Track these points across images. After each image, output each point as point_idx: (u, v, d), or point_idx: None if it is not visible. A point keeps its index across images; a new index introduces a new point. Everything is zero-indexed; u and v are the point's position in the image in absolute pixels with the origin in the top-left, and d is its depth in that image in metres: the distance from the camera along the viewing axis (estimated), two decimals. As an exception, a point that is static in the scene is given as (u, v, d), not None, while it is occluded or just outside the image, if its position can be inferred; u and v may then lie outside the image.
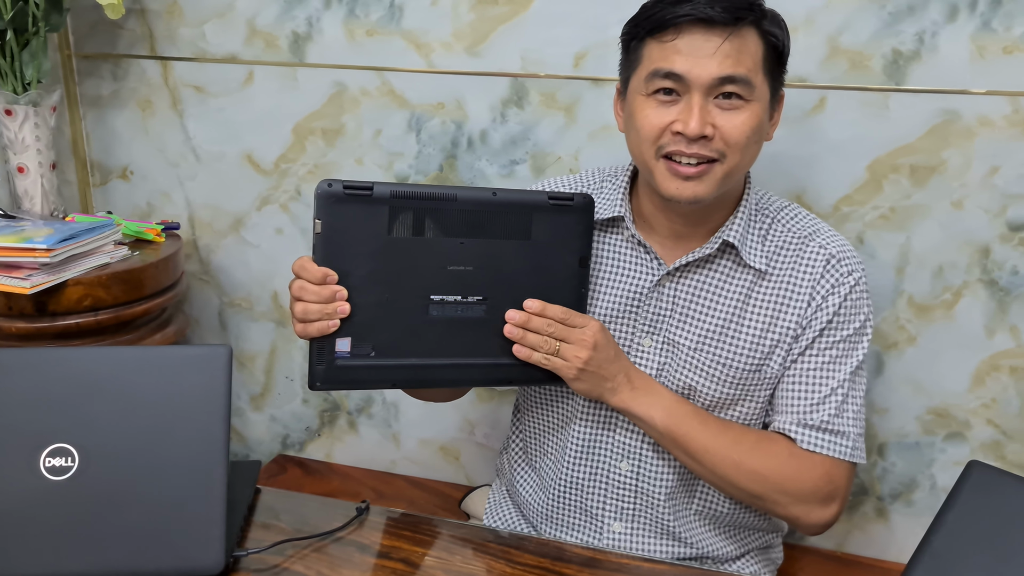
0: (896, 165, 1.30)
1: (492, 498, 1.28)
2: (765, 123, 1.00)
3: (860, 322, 1.06)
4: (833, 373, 1.05)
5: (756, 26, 0.97)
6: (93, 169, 1.72)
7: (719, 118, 0.96)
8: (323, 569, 0.88)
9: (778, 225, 1.08)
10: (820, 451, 1.03)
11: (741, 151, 0.98)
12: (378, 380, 0.99)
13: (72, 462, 0.82)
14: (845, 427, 1.04)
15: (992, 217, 1.28)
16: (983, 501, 0.78)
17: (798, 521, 1.05)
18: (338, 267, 0.93)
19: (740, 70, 0.95)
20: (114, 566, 0.82)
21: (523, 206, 0.98)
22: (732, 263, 1.06)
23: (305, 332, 0.93)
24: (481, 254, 0.97)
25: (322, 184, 0.91)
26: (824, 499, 1.03)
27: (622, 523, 1.12)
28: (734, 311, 1.05)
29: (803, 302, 1.04)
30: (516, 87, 1.44)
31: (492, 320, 0.99)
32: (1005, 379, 1.33)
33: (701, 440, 1.02)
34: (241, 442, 1.79)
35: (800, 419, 1.04)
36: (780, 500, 1.03)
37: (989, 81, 1.24)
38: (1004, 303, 1.31)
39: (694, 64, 0.95)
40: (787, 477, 1.03)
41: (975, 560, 0.75)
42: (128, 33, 1.62)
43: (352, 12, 1.49)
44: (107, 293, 1.39)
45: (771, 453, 1.03)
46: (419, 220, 0.95)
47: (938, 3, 1.23)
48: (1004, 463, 1.36)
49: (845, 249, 1.06)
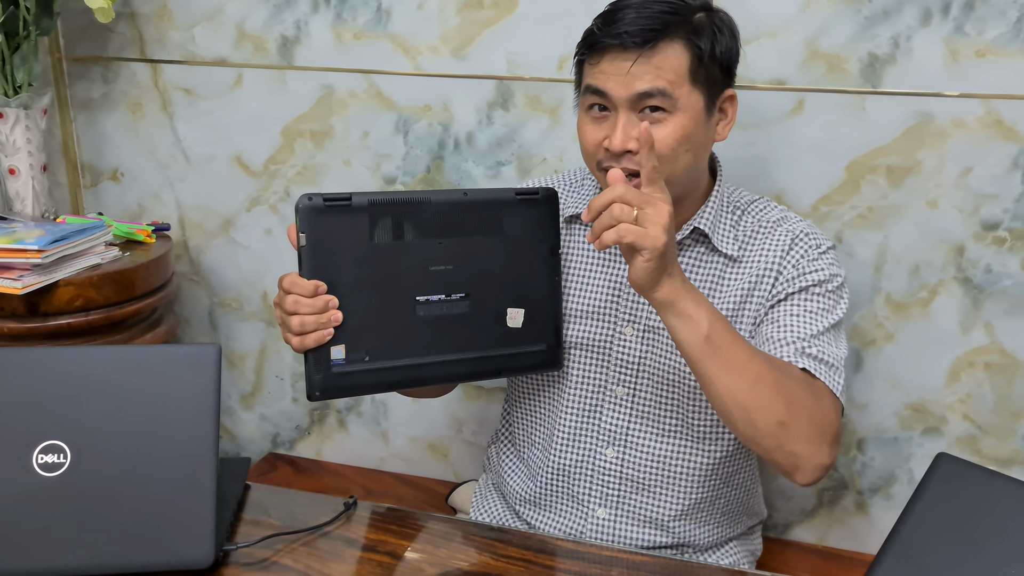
0: (873, 166, 1.33)
1: (479, 492, 1.30)
2: (698, 130, 1.03)
3: (837, 284, 1.08)
4: (820, 319, 1.05)
5: (680, 39, 1.00)
6: (84, 171, 1.74)
7: None
8: (311, 563, 0.90)
9: (748, 216, 1.13)
10: (817, 375, 1.00)
11: (670, 162, 1.01)
12: (375, 384, 1.01)
13: (64, 459, 0.84)
14: (837, 363, 1.03)
15: (966, 216, 1.31)
16: (951, 492, 0.80)
17: (808, 460, 0.96)
18: (325, 277, 0.95)
19: (658, 84, 0.99)
20: (106, 560, 0.84)
21: (493, 203, 1.04)
22: (704, 249, 1.11)
23: (303, 344, 0.95)
24: (459, 252, 1.01)
25: (302, 199, 0.94)
26: (832, 438, 0.99)
27: (607, 509, 1.15)
28: (706, 293, 1.09)
29: (772, 275, 1.08)
30: (501, 89, 1.47)
31: (476, 314, 1.03)
32: (980, 375, 1.36)
33: (742, 353, 0.93)
34: (232, 441, 1.81)
35: (800, 349, 1.02)
36: (805, 431, 0.95)
37: (962, 84, 1.26)
38: (978, 300, 1.34)
39: (615, 83, 1.00)
40: (811, 405, 0.97)
41: (943, 548, 0.77)
42: (118, 36, 1.63)
43: (340, 16, 1.51)
44: (98, 293, 1.40)
45: (795, 378, 0.98)
46: (398, 224, 0.98)
47: (912, 7, 1.26)
48: (979, 457, 1.39)
49: (811, 228, 1.12)
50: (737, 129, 1.36)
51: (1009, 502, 0.78)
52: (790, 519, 1.52)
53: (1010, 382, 1.35)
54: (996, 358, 1.35)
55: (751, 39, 1.33)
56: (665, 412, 1.11)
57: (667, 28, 0.99)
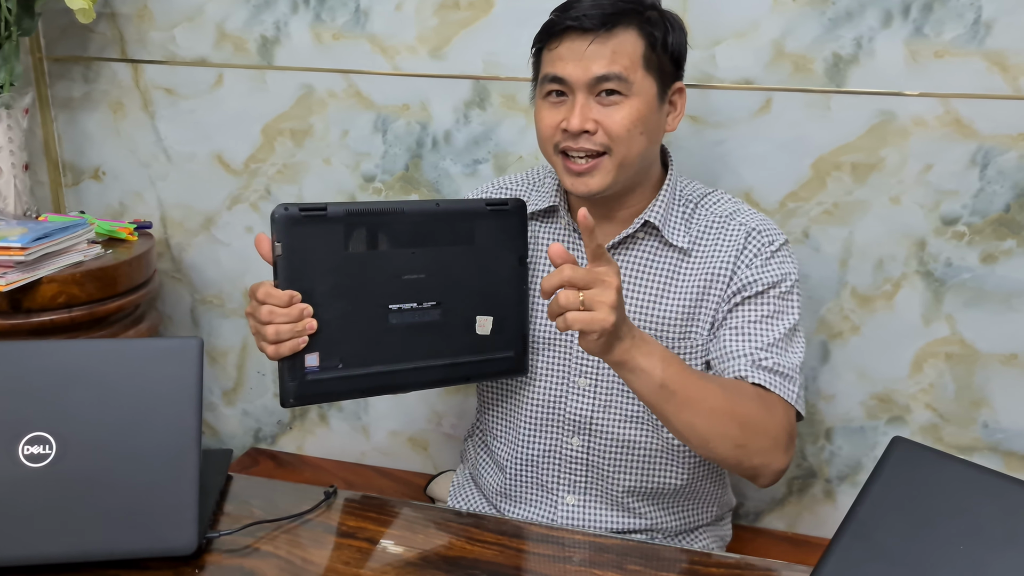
0: (838, 163, 1.37)
1: (456, 481, 1.34)
2: (652, 115, 1.07)
3: (790, 284, 1.11)
4: (774, 325, 1.09)
5: (635, 26, 1.05)
6: (65, 170, 1.75)
7: (601, 114, 1.05)
8: (292, 549, 0.92)
9: (701, 210, 1.16)
10: (771, 388, 1.04)
11: (625, 143, 1.05)
12: (348, 391, 1.04)
13: (49, 450, 0.85)
14: (792, 372, 1.07)
15: (927, 212, 1.36)
16: (905, 473, 0.84)
17: (766, 469, 1.03)
18: (300, 286, 0.98)
19: (615, 68, 1.04)
20: (91, 548, 0.86)
21: (464, 214, 1.06)
22: (656, 243, 1.14)
23: (278, 352, 0.97)
24: (431, 261, 1.04)
25: (278, 208, 0.96)
26: (786, 444, 1.04)
27: (575, 496, 1.18)
28: (661, 287, 1.12)
29: (727, 272, 1.11)
30: (478, 89, 1.50)
31: (447, 322, 1.06)
32: (941, 365, 1.41)
33: (695, 390, 0.97)
34: (214, 436, 1.83)
35: (754, 361, 1.06)
36: (759, 444, 1.01)
37: (922, 83, 1.31)
38: (939, 293, 1.38)
39: (573, 67, 1.04)
40: (765, 418, 1.02)
41: (897, 527, 0.80)
42: (99, 36, 1.65)
43: (319, 17, 1.53)
44: (81, 290, 1.42)
45: (748, 397, 1.02)
46: (372, 235, 1.01)
47: (874, 9, 1.30)
48: (942, 445, 1.43)
49: (765, 222, 1.14)
50: (706, 127, 1.41)
51: (959, 482, 0.81)
52: (761, 507, 1.56)
53: (970, 372, 1.40)
54: (957, 349, 1.40)
55: (719, 40, 1.37)
56: (627, 399, 1.15)
57: (623, 14, 1.04)
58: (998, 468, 1.41)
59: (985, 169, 1.32)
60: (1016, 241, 1.33)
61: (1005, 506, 0.77)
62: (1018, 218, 1.32)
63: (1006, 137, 1.30)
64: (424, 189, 1.57)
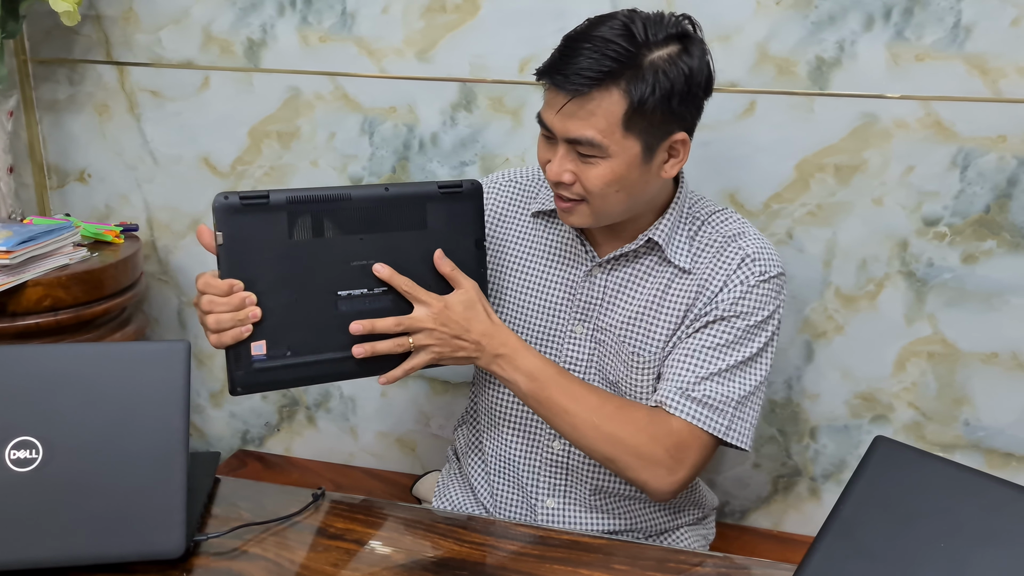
0: (822, 165, 1.39)
1: (441, 481, 1.34)
2: (631, 174, 1.03)
3: (763, 316, 1.09)
4: (728, 354, 1.08)
5: (618, 87, 0.98)
6: (50, 172, 1.74)
7: (579, 167, 1.03)
8: (281, 552, 0.92)
9: (707, 227, 1.14)
10: (691, 420, 1.06)
11: (600, 198, 1.04)
12: (297, 378, 1.02)
13: (36, 454, 0.85)
14: (725, 407, 1.07)
15: (909, 213, 1.37)
16: (887, 472, 0.85)
17: (646, 486, 1.07)
18: (243, 275, 0.96)
19: (586, 133, 1.00)
20: (79, 552, 0.85)
21: (415, 198, 1.03)
22: (657, 260, 1.13)
23: (220, 341, 0.96)
24: (382, 247, 1.01)
25: (218, 197, 0.95)
26: (672, 466, 1.06)
27: (555, 499, 1.19)
28: (651, 301, 1.12)
29: (712, 293, 1.10)
30: (465, 92, 1.50)
31: (399, 309, 1.03)
32: (924, 364, 1.43)
33: (562, 403, 1.05)
34: (201, 438, 1.83)
35: (682, 388, 1.07)
36: (631, 464, 1.06)
37: (903, 86, 1.32)
38: (921, 293, 1.40)
39: (554, 121, 1.03)
40: (641, 443, 1.05)
41: (879, 525, 0.82)
42: (84, 39, 1.65)
43: (305, 19, 1.53)
44: (67, 293, 1.42)
45: (630, 419, 1.06)
46: (317, 222, 0.98)
47: (856, 13, 1.31)
48: (924, 443, 1.45)
49: (763, 250, 1.11)
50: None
51: (940, 481, 0.83)
52: (746, 506, 1.58)
53: (951, 371, 1.42)
54: (939, 348, 1.41)
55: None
56: None
57: (607, 75, 0.97)
58: (979, 465, 1.43)
59: (965, 171, 1.33)
60: (996, 242, 1.35)
61: (985, 504, 0.78)
62: (998, 219, 1.34)
63: (986, 139, 1.32)
64: (411, 191, 1.57)
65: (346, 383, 1.70)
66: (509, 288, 1.20)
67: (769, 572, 0.94)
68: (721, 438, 1.08)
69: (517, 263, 1.20)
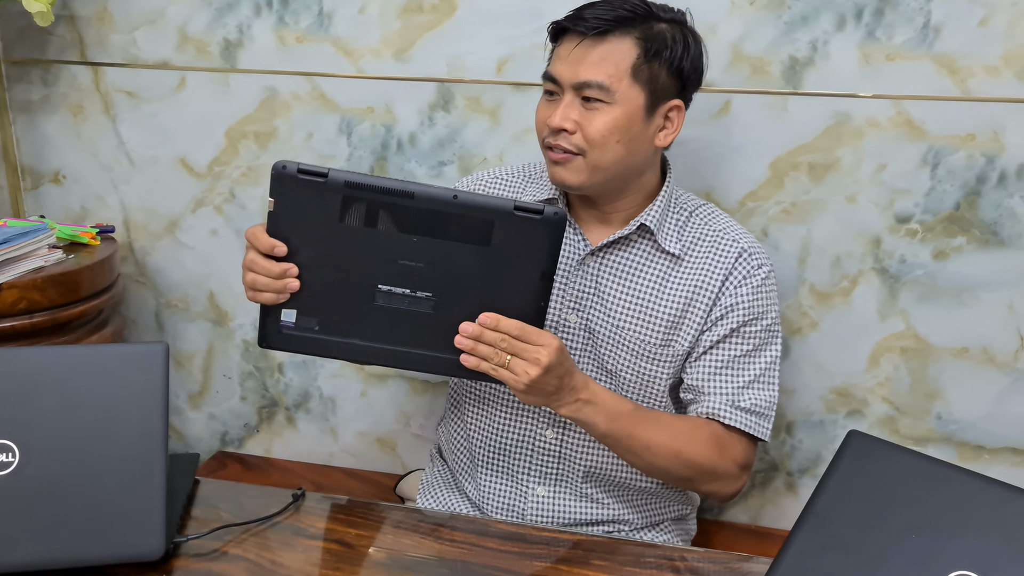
0: (796, 163, 1.40)
1: (425, 479, 1.35)
2: (633, 126, 1.08)
3: (773, 316, 1.17)
4: (756, 360, 1.16)
5: (631, 35, 1.06)
6: (24, 174, 1.73)
7: (582, 116, 1.07)
8: (261, 552, 0.92)
9: (695, 219, 1.19)
10: (746, 430, 1.14)
11: (599, 148, 1.07)
12: (320, 351, 1.02)
13: (13, 457, 0.85)
14: (767, 411, 1.16)
15: (882, 210, 1.39)
16: (860, 465, 0.86)
17: (717, 494, 1.15)
18: (288, 243, 0.96)
19: (598, 76, 1.06)
20: (58, 555, 0.85)
21: (485, 211, 0.95)
22: (649, 246, 1.16)
23: (254, 298, 0.98)
24: (435, 253, 0.96)
25: (277, 165, 0.93)
26: (739, 474, 1.15)
27: (545, 487, 1.21)
28: (651, 291, 1.15)
29: (715, 288, 1.14)
30: (442, 91, 1.51)
31: (439, 316, 0.98)
32: (897, 359, 1.45)
33: (643, 438, 1.08)
34: (180, 440, 1.82)
35: (731, 400, 1.14)
36: (708, 480, 1.13)
37: (875, 85, 1.34)
38: (894, 289, 1.42)
39: (564, 68, 1.08)
40: (716, 460, 1.12)
41: (853, 517, 0.83)
42: (58, 39, 1.63)
43: (282, 20, 1.53)
44: (42, 296, 1.41)
45: (701, 439, 1.12)
46: (372, 211, 0.95)
47: (828, 14, 1.33)
48: (898, 437, 1.47)
49: (755, 245, 1.18)
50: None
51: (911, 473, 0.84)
52: (725, 501, 1.59)
53: (924, 366, 1.44)
54: (911, 343, 1.44)
55: (679, 43, 1.39)
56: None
57: (622, 22, 1.06)
58: (951, 458, 1.46)
59: (936, 168, 1.36)
60: (966, 238, 1.37)
61: (954, 495, 0.79)
62: (967, 216, 1.37)
63: (955, 137, 1.34)
64: (390, 191, 1.57)
65: (327, 383, 1.70)
66: None
67: (746, 566, 0.96)
68: (764, 439, 1.15)
69: None
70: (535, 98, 1.45)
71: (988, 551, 0.74)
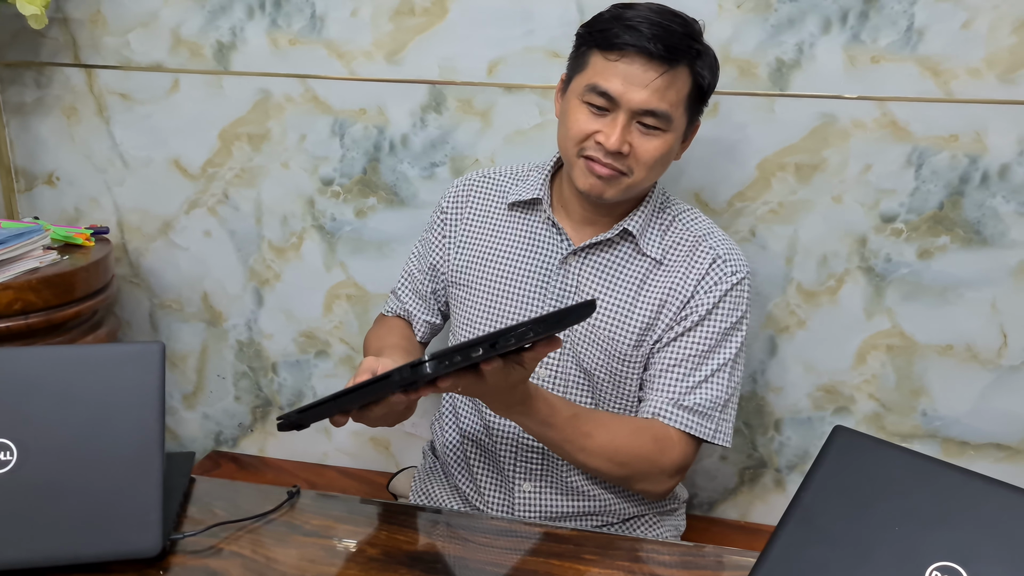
0: (783, 164, 1.42)
1: (418, 476, 1.36)
2: (674, 149, 1.13)
3: (736, 318, 1.16)
4: (709, 361, 1.15)
5: (689, 66, 1.08)
6: (18, 175, 1.73)
7: (637, 139, 1.08)
8: (257, 549, 0.93)
9: (678, 224, 1.20)
10: (686, 430, 1.13)
11: (648, 170, 1.10)
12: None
13: (11, 456, 0.85)
14: (713, 411, 1.14)
15: (867, 210, 1.41)
16: (846, 461, 0.88)
17: (647, 492, 1.16)
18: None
19: (664, 105, 1.06)
20: (55, 553, 0.86)
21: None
22: (631, 250, 1.17)
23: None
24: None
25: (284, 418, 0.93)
26: (672, 473, 1.14)
27: (532, 483, 1.23)
28: (630, 293, 1.16)
29: (687, 293, 1.15)
30: (434, 94, 1.52)
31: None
32: (883, 357, 1.47)
33: (577, 442, 1.08)
34: (174, 440, 1.83)
35: (675, 400, 1.14)
36: (639, 480, 1.13)
37: (860, 87, 1.36)
38: (880, 288, 1.44)
39: (627, 89, 1.06)
40: (652, 461, 1.11)
41: (839, 511, 0.84)
42: (51, 41, 1.64)
43: (275, 22, 1.54)
44: (37, 297, 1.41)
45: (641, 441, 1.11)
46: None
47: (814, 17, 1.35)
48: (884, 433, 1.49)
49: (732, 252, 1.18)
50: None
51: (896, 467, 0.86)
52: (714, 497, 1.61)
53: (909, 363, 1.46)
54: (897, 341, 1.46)
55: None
56: (583, 394, 1.19)
57: (683, 51, 1.06)
58: (936, 453, 1.48)
59: (920, 169, 1.38)
60: (950, 237, 1.40)
61: (938, 489, 0.81)
62: (951, 215, 1.39)
63: (939, 138, 1.36)
64: (383, 192, 1.59)
65: (320, 383, 1.71)
66: (482, 279, 1.22)
67: (734, 560, 0.97)
68: (709, 441, 1.14)
69: (491, 254, 1.22)
70: (526, 100, 1.47)
71: (969, 542, 0.76)
